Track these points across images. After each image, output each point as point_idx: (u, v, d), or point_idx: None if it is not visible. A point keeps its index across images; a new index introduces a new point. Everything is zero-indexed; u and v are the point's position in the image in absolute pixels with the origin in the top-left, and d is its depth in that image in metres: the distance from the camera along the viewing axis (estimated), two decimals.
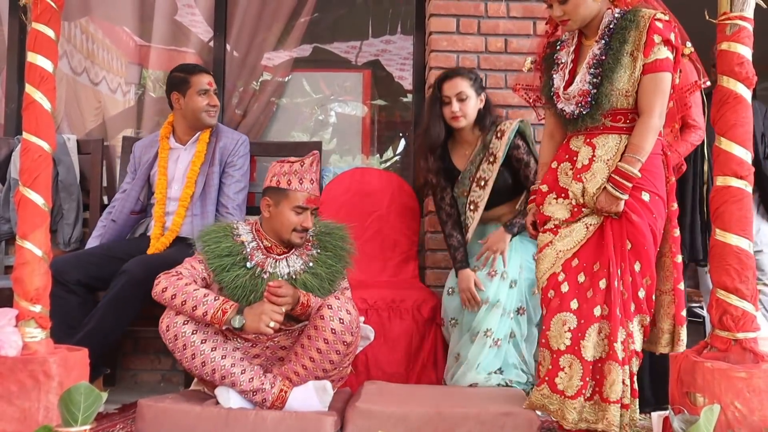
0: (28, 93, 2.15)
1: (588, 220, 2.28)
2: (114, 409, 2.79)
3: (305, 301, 2.44)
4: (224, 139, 3.23)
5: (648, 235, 2.24)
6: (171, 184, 3.17)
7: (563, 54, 2.41)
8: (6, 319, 2.02)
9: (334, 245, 2.59)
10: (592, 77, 2.25)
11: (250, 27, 4.09)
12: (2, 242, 3.52)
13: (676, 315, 2.34)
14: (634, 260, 2.24)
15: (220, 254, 2.49)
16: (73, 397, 1.75)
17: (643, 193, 2.24)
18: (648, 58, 2.22)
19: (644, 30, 2.21)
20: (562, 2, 2.27)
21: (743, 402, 1.86)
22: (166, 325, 2.33)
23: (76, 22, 4.26)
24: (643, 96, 2.24)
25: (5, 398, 1.94)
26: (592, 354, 2.20)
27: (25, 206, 2.12)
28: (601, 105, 2.24)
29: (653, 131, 2.23)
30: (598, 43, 2.28)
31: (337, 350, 2.36)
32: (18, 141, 3.49)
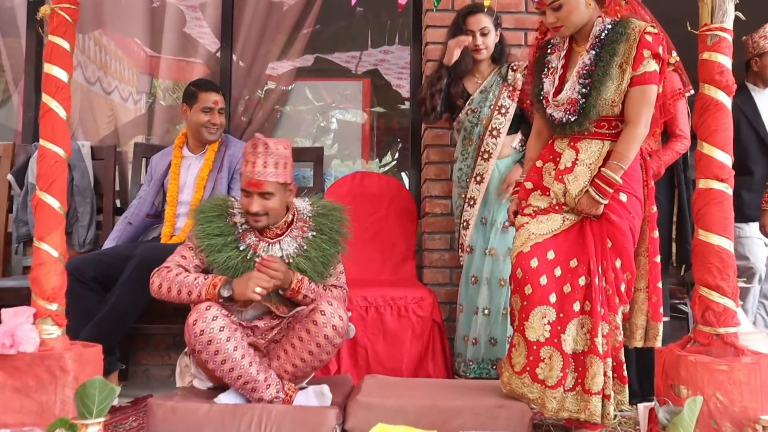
0: (44, 102, 2.20)
1: (566, 214, 2.36)
2: (127, 403, 2.84)
3: (297, 287, 2.41)
4: (233, 148, 3.34)
5: (628, 233, 2.31)
6: (183, 189, 3.28)
7: (554, 58, 2.44)
8: (24, 317, 2.07)
9: (330, 228, 2.54)
10: (582, 87, 2.30)
11: (255, 38, 4.16)
12: (20, 244, 3.60)
13: (652, 312, 2.41)
14: (615, 257, 2.31)
15: (211, 233, 2.44)
16: (88, 391, 1.80)
17: (621, 194, 2.31)
18: (637, 71, 2.27)
19: (634, 44, 2.26)
20: (556, 9, 2.31)
21: (725, 394, 1.92)
22: (200, 329, 2.25)
23: (90, 34, 4.33)
24: (630, 106, 2.29)
25: (24, 392, 2.00)
26: (572, 347, 2.27)
27: (41, 210, 2.17)
28: (589, 114, 2.30)
29: (638, 141, 2.29)
30: (589, 52, 2.32)
31: (328, 351, 2.39)
32: (35, 147, 3.55)
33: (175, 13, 4.28)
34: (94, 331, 2.76)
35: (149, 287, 2.43)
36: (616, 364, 2.30)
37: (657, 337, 2.41)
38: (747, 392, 1.93)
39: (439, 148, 3.58)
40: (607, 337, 2.28)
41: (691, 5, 2.16)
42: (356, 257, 3.10)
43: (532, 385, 2.29)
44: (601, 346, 2.25)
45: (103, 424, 1.79)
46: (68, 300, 2.24)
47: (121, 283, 2.89)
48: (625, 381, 2.30)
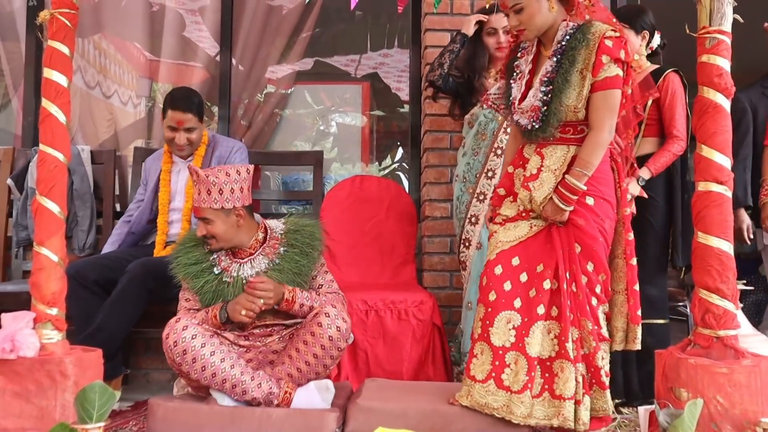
0: (44, 107, 2.20)
1: (534, 220, 2.36)
2: (127, 407, 2.85)
3: (290, 298, 2.47)
4: (219, 148, 3.26)
5: (597, 236, 2.30)
6: (175, 195, 3.23)
7: (522, 62, 2.44)
8: (24, 322, 2.06)
9: (302, 242, 2.58)
10: (543, 95, 2.29)
11: (255, 42, 4.18)
12: (20, 248, 3.60)
13: (630, 314, 2.40)
14: (585, 261, 2.30)
15: (188, 263, 2.54)
16: (88, 396, 1.79)
17: (588, 198, 2.30)
18: (597, 77, 2.25)
19: (594, 49, 2.24)
20: (518, 12, 2.32)
21: (725, 396, 1.92)
22: (174, 341, 2.33)
23: (89, 38, 4.34)
24: (593, 112, 2.28)
25: (24, 397, 2.00)
26: (537, 351, 2.26)
27: (41, 214, 2.17)
28: (551, 122, 2.29)
29: (602, 147, 2.29)
30: (551, 59, 2.31)
31: (332, 355, 2.42)
32: (35, 152, 3.55)
33: (175, 17, 4.29)
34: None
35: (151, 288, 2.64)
36: (594, 370, 2.28)
37: (636, 340, 2.40)
38: (747, 395, 1.93)
39: (438, 152, 3.58)
40: (578, 342, 2.27)
41: (689, 8, 2.17)
42: (356, 260, 3.11)
43: (497, 392, 2.25)
44: (571, 351, 2.24)
45: (104, 429, 1.79)
46: (70, 303, 2.24)
47: (111, 300, 2.89)
48: (605, 387, 2.28)
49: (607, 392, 2.29)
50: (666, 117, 2.90)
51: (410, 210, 3.65)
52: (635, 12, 2.99)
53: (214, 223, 2.49)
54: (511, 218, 2.39)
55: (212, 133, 3.35)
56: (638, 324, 2.40)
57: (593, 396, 2.28)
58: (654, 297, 2.86)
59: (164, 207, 3.22)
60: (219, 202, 2.49)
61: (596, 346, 2.27)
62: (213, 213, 2.49)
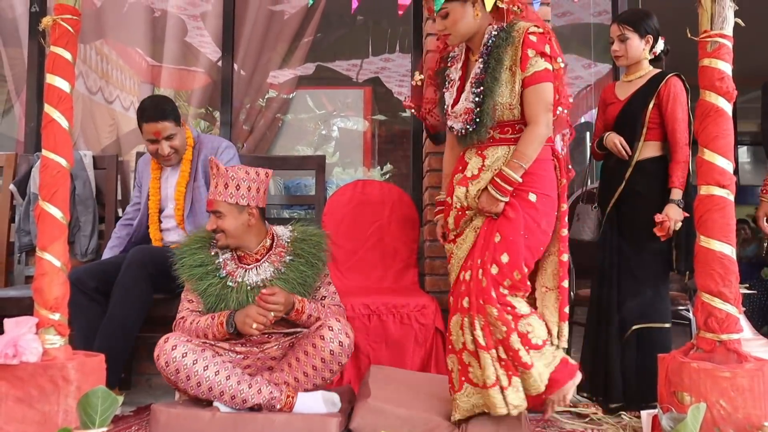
0: (47, 112, 2.20)
1: (476, 223, 2.35)
2: (129, 412, 2.85)
3: (300, 308, 2.47)
4: (204, 150, 3.18)
5: (519, 228, 2.27)
6: (166, 203, 3.19)
7: (453, 70, 2.45)
8: (27, 327, 2.06)
9: (308, 252, 2.58)
10: (475, 96, 2.30)
11: (256, 47, 4.19)
12: (22, 253, 3.60)
13: (560, 311, 2.38)
14: (501, 252, 2.25)
15: (193, 265, 2.54)
16: (90, 401, 1.80)
17: (530, 194, 2.30)
18: (526, 72, 2.27)
19: (519, 45, 2.27)
20: (444, 17, 2.32)
21: (728, 400, 1.92)
22: (165, 362, 2.34)
23: (91, 44, 4.37)
24: (527, 108, 2.29)
25: (26, 402, 1.99)
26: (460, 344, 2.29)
27: (44, 220, 2.17)
28: (485, 122, 2.29)
29: (539, 139, 2.28)
30: (479, 61, 2.33)
31: (331, 369, 2.43)
32: (37, 157, 3.58)
33: (177, 23, 4.31)
34: (101, 343, 2.76)
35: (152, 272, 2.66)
36: (512, 353, 2.22)
37: (563, 338, 2.38)
38: (750, 399, 1.93)
39: (440, 156, 3.55)
40: (486, 329, 2.23)
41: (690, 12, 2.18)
42: (358, 265, 3.11)
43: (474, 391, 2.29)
44: (482, 339, 2.22)
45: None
46: (71, 311, 2.23)
47: (116, 287, 2.87)
48: (528, 367, 2.21)
49: (532, 370, 2.21)
50: (668, 123, 2.87)
51: (412, 214, 3.64)
52: (639, 16, 2.97)
53: (226, 218, 2.50)
54: (458, 233, 2.39)
55: (196, 133, 3.26)
56: (565, 321, 2.38)
57: (522, 377, 2.23)
58: (655, 301, 2.86)
59: (154, 216, 3.18)
60: (234, 197, 2.51)
61: (508, 330, 2.21)
62: (226, 207, 2.50)
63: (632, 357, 2.84)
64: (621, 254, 2.92)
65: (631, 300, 2.87)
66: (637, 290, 2.86)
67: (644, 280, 2.87)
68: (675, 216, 2.76)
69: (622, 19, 2.97)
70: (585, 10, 4.80)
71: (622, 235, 2.91)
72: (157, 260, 2.82)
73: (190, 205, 3.11)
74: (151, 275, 2.85)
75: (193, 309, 2.54)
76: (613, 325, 2.90)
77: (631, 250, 2.89)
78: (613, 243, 2.96)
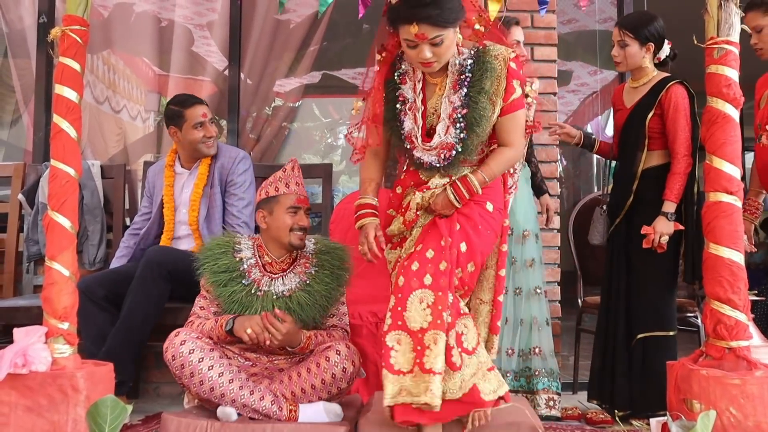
0: (55, 122, 2.21)
1: (422, 221, 2.29)
2: (138, 421, 2.87)
3: (305, 345, 2.45)
4: (222, 158, 3.23)
5: (477, 224, 2.24)
6: (179, 208, 3.22)
7: (407, 90, 2.28)
8: (36, 336, 2.06)
9: (332, 264, 2.60)
10: (459, 131, 2.19)
11: (263, 56, 4.21)
12: (31, 263, 3.62)
13: (492, 325, 2.37)
14: (461, 240, 2.20)
15: (217, 271, 2.53)
16: (100, 410, 1.82)
17: (488, 204, 2.28)
18: (507, 101, 2.21)
19: (502, 75, 2.18)
20: (437, 45, 2.11)
21: (738, 408, 1.91)
22: (171, 355, 2.34)
23: (98, 54, 4.39)
24: (504, 134, 2.25)
25: (35, 411, 1.99)
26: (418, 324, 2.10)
27: (53, 229, 2.17)
28: (466, 155, 2.22)
29: (510, 162, 2.30)
30: (457, 91, 2.20)
31: (329, 391, 2.41)
32: (45, 167, 3.61)
33: (183, 33, 4.33)
34: (117, 339, 2.79)
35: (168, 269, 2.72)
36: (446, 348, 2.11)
37: (493, 350, 2.36)
38: (760, 406, 1.92)
39: None
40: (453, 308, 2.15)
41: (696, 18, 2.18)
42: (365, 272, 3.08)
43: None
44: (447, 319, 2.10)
45: None
46: (80, 320, 2.24)
47: (133, 286, 2.89)
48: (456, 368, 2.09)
49: (457, 373, 2.10)
50: (669, 132, 2.84)
51: None
52: (642, 22, 2.90)
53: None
54: (404, 237, 2.32)
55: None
56: (497, 334, 2.38)
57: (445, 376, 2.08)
58: (661, 310, 2.85)
59: (170, 223, 3.21)
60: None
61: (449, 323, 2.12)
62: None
63: (639, 365, 2.84)
64: (629, 263, 2.91)
65: (638, 308, 2.87)
66: (645, 299, 2.86)
67: (651, 288, 2.86)
68: (662, 229, 2.75)
69: (624, 24, 2.91)
70: (590, 18, 4.80)
71: (632, 244, 2.90)
72: (174, 260, 2.83)
73: (206, 210, 3.14)
74: (170, 273, 2.87)
75: (202, 315, 2.53)
76: (620, 333, 2.90)
77: (640, 260, 2.87)
78: (620, 252, 2.95)
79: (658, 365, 2.71)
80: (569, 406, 3.08)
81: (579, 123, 6.06)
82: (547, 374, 3.05)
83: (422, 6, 2.05)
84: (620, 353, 2.89)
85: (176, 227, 3.22)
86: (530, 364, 3.05)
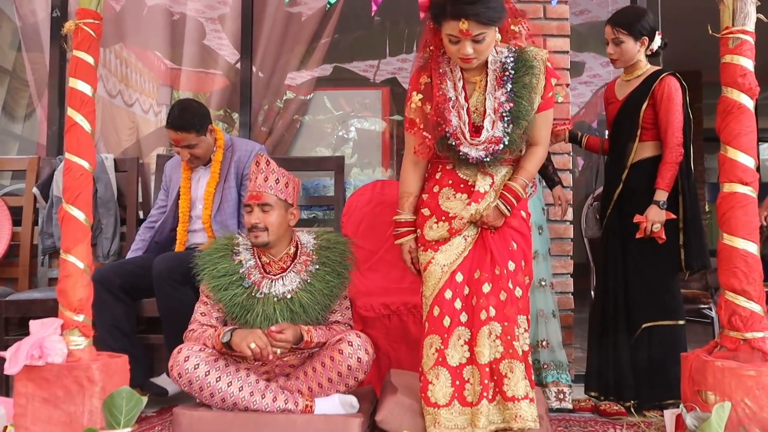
0: (69, 116, 2.22)
1: (466, 232, 2.35)
2: (152, 412, 2.89)
3: (308, 339, 2.42)
4: (238, 152, 3.23)
5: (528, 236, 2.41)
6: (195, 203, 3.22)
7: (449, 89, 2.32)
8: (51, 329, 2.09)
9: (334, 260, 2.56)
10: (506, 125, 2.26)
11: (274, 49, 4.20)
12: (46, 256, 3.64)
13: None
14: (521, 259, 2.36)
15: (217, 275, 2.50)
16: (115, 401, 1.84)
17: (522, 212, 2.41)
18: (545, 98, 2.31)
19: (541, 75, 2.29)
20: (479, 41, 2.18)
21: (753, 399, 1.91)
22: (178, 373, 2.32)
23: (111, 48, 4.40)
24: (537, 131, 2.35)
25: (52, 403, 2.02)
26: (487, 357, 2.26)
27: (68, 222, 2.19)
28: (512, 149, 2.31)
29: (541, 160, 2.39)
30: (500, 88, 2.28)
31: (347, 383, 2.42)
32: (59, 161, 3.62)
33: (195, 26, 4.34)
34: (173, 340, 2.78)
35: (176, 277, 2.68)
36: (527, 367, 2.30)
37: None
38: None
39: None
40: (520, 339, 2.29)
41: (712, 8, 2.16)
42: (377, 265, 3.11)
43: (462, 410, 2.27)
44: (519, 349, 2.27)
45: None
46: (95, 309, 2.26)
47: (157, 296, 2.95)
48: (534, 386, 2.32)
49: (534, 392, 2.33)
50: (661, 123, 2.84)
51: None
52: (634, 17, 2.91)
53: (273, 213, 2.48)
54: (443, 240, 2.35)
55: (228, 136, 3.32)
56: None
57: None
58: (666, 299, 2.85)
59: (185, 215, 3.21)
60: (284, 194, 2.51)
61: (530, 344, 2.33)
62: (276, 202, 2.49)
63: (644, 355, 2.84)
64: (627, 254, 2.91)
65: (640, 299, 2.87)
66: (647, 289, 2.86)
67: (653, 278, 2.86)
68: (654, 218, 2.75)
69: (617, 22, 2.92)
70: (603, 8, 4.77)
71: (628, 235, 2.88)
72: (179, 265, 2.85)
73: (218, 205, 3.14)
74: (178, 280, 2.88)
75: (204, 322, 2.51)
76: (621, 325, 2.89)
77: (637, 250, 2.87)
78: (616, 244, 2.95)
79: (666, 355, 2.73)
80: (582, 398, 3.07)
81: (591, 114, 6.03)
82: (555, 366, 3.04)
83: (470, 3, 2.12)
84: (622, 344, 2.88)
85: (191, 221, 3.23)
86: (538, 357, 3.05)
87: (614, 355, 2.90)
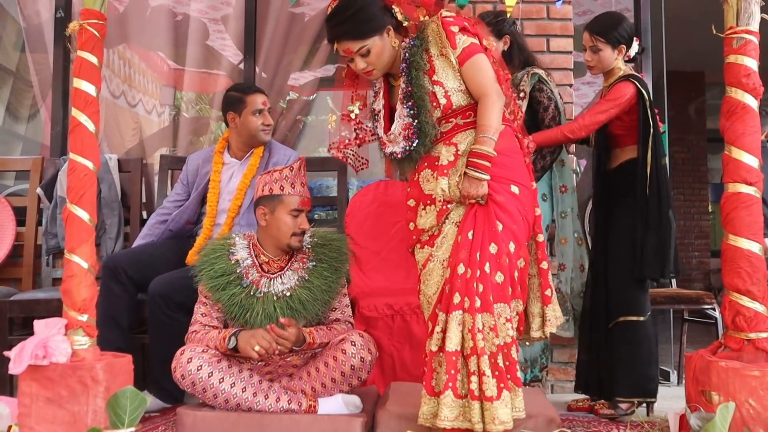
0: (74, 116, 2.23)
1: (455, 217, 2.20)
2: (156, 412, 2.88)
3: (311, 341, 2.42)
4: (277, 155, 3.29)
5: (517, 216, 2.16)
6: (223, 196, 3.23)
7: (377, 104, 2.37)
8: (56, 328, 2.09)
9: (330, 257, 2.57)
10: (409, 109, 2.20)
11: (278, 50, 4.19)
12: (50, 256, 3.64)
13: (543, 296, 2.26)
14: (508, 240, 2.13)
15: (214, 275, 2.51)
16: (119, 401, 1.84)
17: (512, 186, 2.18)
18: (457, 50, 2.17)
19: (440, 29, 2.18)
20: (365, 55, 2.21)
21: (757, 399, 1.90)
22: (181, 374, 2.34)
23: (114, 49, 4.39)
24: (471, 84, 2.18)
25: (56, 402, 2.02)
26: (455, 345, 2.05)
27: (72, 222, 2.20)
28: (427, 132, 2.19)
29: (495, 108, 2.14)
30: (402, 77, 2.23)
31: (350, 383, 2.43)
32: (63, 161, 3.63)
33: (198, 27, 4.33)
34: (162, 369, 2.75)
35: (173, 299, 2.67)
36: (510, 363, 2.06)
37: (549, 323, 2.24)
38: None
39: None
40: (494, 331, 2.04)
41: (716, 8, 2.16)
42: (381, 265, 3.11)
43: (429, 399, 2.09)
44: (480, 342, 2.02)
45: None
46: (100, 295, 2.25)
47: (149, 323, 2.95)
48: (520, 384, 2.09)
49: (520, 390, 2.09)
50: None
51: None
52: (611, 25, 2.91)
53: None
54: (439, 232, 2.22)
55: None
56: (549, 305, 2.25)
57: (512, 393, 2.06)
58: (629, 294, 2.86)
59: (212, 209, 3.22)
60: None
61: (513, 336, 2.08)
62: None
63: (612, 352, 2.87)
64: (606, 253, 2.95)
65: (615, 296, 2.89)
66: (621, 286, 2.88)
67: (620, 275, 2.88)
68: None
69: (595, 30, 2.93)
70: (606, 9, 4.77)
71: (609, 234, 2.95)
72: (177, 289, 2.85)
73: (251, 199, 3.13)
74: (174, 304, 2.87)
75: (205, 323, 2.51)
76: (602, 323, 2.92)
77: (611, 245, 2.93)
78: (600, 242, 3.02)
79: (625, 350, 2.77)
80: (579, 398, 3.07)
81: None
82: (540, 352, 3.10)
83: (338, 24, 2.20)
84: (602, 343, 2.92)
85: (218, 214, 3.23)
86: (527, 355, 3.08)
87: (597, 355, 2.94)
